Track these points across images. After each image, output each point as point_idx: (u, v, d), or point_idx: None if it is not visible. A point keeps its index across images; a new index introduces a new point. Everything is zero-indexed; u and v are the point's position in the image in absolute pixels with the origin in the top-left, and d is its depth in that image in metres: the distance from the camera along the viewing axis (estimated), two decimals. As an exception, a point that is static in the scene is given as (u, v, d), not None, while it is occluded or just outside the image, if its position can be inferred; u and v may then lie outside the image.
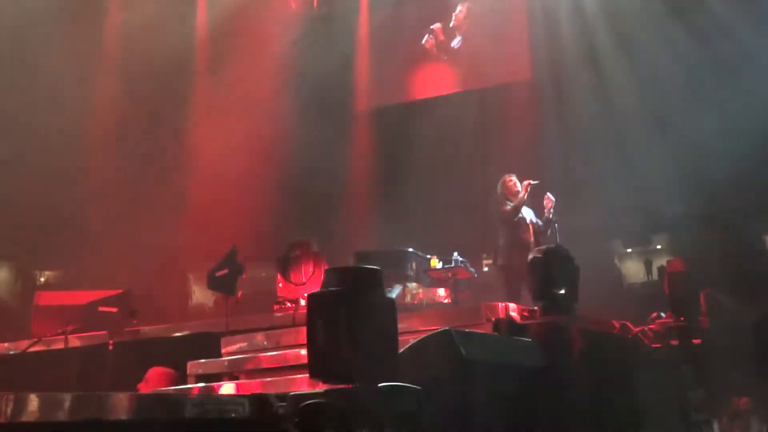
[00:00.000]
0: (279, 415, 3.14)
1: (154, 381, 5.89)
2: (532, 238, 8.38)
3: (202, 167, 20.80)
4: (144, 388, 5.88)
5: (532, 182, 8.46)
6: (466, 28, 19.42)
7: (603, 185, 17.91)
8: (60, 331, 7.04)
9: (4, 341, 7.46)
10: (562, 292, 4.91)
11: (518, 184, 8.59)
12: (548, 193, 8.52)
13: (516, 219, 8.40)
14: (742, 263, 16.01)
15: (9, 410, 2.92)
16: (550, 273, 4.90)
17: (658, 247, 22.43)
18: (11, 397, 2.97)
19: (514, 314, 5.07)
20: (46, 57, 16.24)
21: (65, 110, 19.35)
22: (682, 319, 5.33)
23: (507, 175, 8.84)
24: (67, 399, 3.17)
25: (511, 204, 8.44)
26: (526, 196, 8.39)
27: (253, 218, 19.68)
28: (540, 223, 8.47)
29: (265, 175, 20.39)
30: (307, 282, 7.66)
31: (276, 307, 7.74)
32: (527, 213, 8.53)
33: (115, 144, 19.93)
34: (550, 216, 8.43)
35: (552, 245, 5.14)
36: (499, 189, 8.69)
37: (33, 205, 19.74)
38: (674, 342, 5.26)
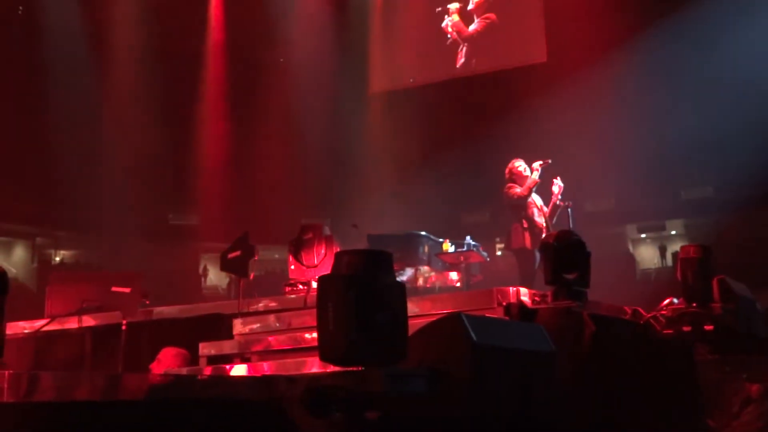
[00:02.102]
0: (288, 396, 3.16)
1: (167, 361, 5.94)
2: (543, 222, 8.35)
3: (215, 149, 20.91)
4: (156, 368, 5.93)
5: (543, 162, 8.38)
6: (483, 11, 19.33)
7: (617, 169, 17.88)
8: (74, 310, 7.10)
9: (19, 320, 7.52)
10: (574, 277, 4.90)
11: (526, 168, 8.51)
12: (557, 179, 8.41)
13: (527, 202, 8.33)
14: (755, 249, 15.96)
15: (24, 389, 2.95)
16: (561, 258, 4.88)
17: (673, 232, 22.35)
18: (26, 375, 3.00)
19: (525, 299, 5.06)
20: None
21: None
22: (694, 305, 5.30)
23: (514, 159, 8.72)
24: (80, 378, 3.20)
25: (521, 188, 8.39)
26: (538, 177, 8.33)
27: (265, 201, 19.79)
28: (545, 209, 8.44)
29: (278, 158, 20.47)
30: (318, 264, 7.68)
31: (288, 289, 7.76)
32: (537, 196, 8.48)
33: (135, 128, 20.06)
34: (558, 201, 8.36)
35: (564, 230, 5.12)
36: (507, 173, 8.63)
37: (54, 184, 19.93)
38: (686, 328, 5.24)
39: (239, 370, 5.43)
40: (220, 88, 21.25)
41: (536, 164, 8.42)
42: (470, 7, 19.47)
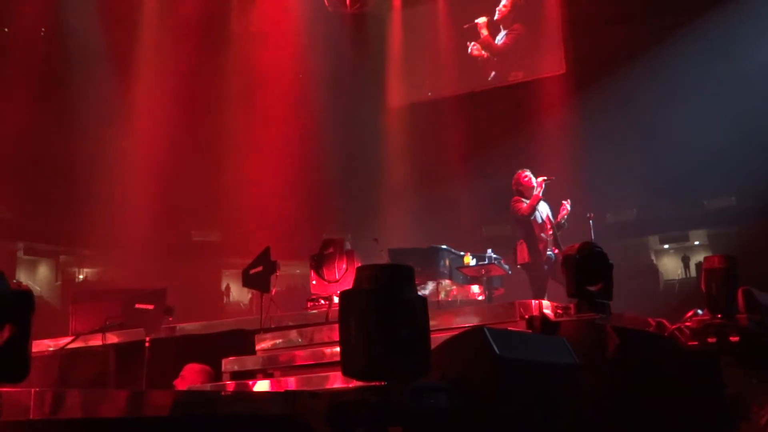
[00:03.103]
0: (312, 411, 3.16)
1: (190, 377, 5.96)
2: (550, 235, 8.28)
3: (237, 166, 21.03)
4: (180, 385, 5.95)
5: (546, 178, 8.32)
6: (511, 22, 19.31)
7: (639, 180, 17.79)
8: (98, 328, 7.15)
9: (44, 338, 7.59)
10: (597, 289, 4.87)
11: (533, 179, 8.46)
12: (566, 201, 8.34)
13: (532, 216, 8.29)
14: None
15: (50, 406, 2.97)
16: (583, 270, 4.86)
17: (696, 243, 22.17)
18: (52, 393, 3.02)
19: (547, 312, 5.04)
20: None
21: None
22: (719, 316, 5.25)
23: (521, 170, 8.66)
24: (105, 395, 3.22)
25: (527, 202, 8.31)
26: (541, 193, 8.26)
27: (287, 217, 19.85)
28: (553, 220, 8.38)
29: (299, 174, 20.54)
30: (340, 279, 7.69)
31: (310, 304, 7.79)
32: (544, 208, 8.41)
33: (158, 147, 20.24)
34: (563, 222, 8.33)
35: (586, 241, 5.09)
36: (513, 185, 8.56)
37: (76, 203, 20.12)
38: (711, 340, 5.19)
39: (262, 385, 5.44)
40: (236, 105, 21.38)
41: (539, 180, 8.36)
42: (496, 16, 19.44)
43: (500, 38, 19.49)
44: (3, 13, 20.51)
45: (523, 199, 8.40)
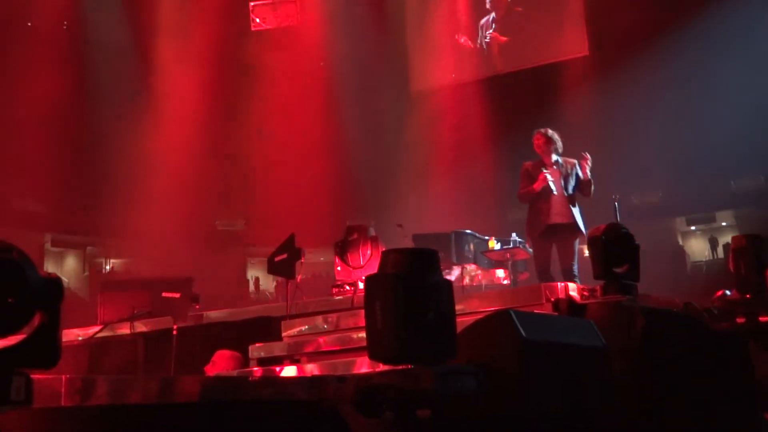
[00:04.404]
0: (339, 396, 3.17)
1: (221, 363, 6.02)
2: (556, 202, 7.84)
3: (260, 155, 21.10)
4: (211, 371, 6.01)
5: (548, 174, 7.83)
6: (525, 5, 19.18)
7: (665, 161, 17.63)
8: (126, 317, 7.23)
9: (73, 327, 7.68)
10: (623, 271, 4.84)
11: (550, 140, 8.04)
12: (585, 153, 7.93)
13: (539, 195, 7.88)
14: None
15: (80, 393, 3.00)
16: (610, 252, 4.82)
17: (723, 224, 21.96)
18: (82, 380, 3.05)
19: (574, 294, 5.02)
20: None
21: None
22: (748, 296, 5.20)
23: (536, 131, 8.24)
24: (134, 381, 3.25)
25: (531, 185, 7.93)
26: (540, 189, 7.81)
27: (311, 204, 19.90)
28: (571, 187, 7.88)
29: (322, 161, 20.59)
30: (364, 265, 7.72)
31: (335, 290, 7.82)
32: (554, 184, 7.88)
33: (182, 136, 20.35)
34: (589, 176, 7.82)
35: (612, 223, 5.05)
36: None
37: (102, 195, 20.31)
38: (740, 320, 5.14)
39: (289, 371, 5.47)
40: (259, 93, 21.43)
41: (540, 175, 7.87)
42: None
43: (522, 20, 19.37)
44: (26, 8, 20.67)
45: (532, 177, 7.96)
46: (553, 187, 7.80)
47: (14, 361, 2.41)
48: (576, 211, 7.83)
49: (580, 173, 7.87)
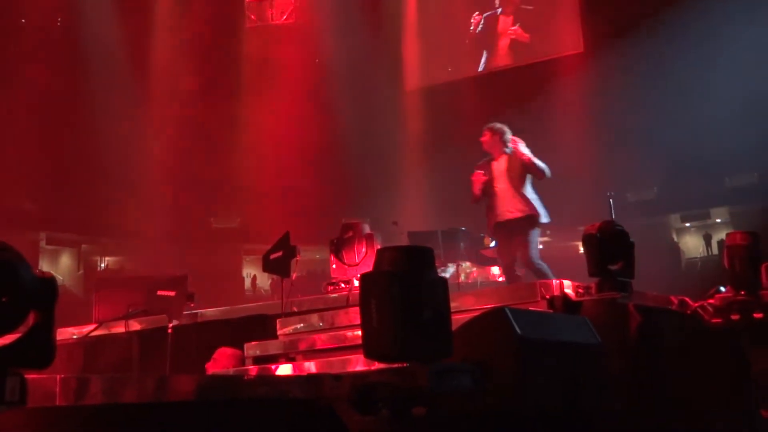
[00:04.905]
0: (335, 394, 3.17)
1: (222, 361, 6.02)
2: (502, 213, 7.75)
3: (255, 153, 21.07)
4: (212, 368, 6.00)
5: (482, 176, 7.77)
6: (519, 3, 19.19)
7: (659, 158, 17.65)
8: (120, 315, 7.21)
9: (68, 326, 7.66)
10: (618, 268, 4.84)
11: (496, 134, 7.97)
12: (513, 137, 7.88)
13: (489, 193, 7.83)
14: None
15: (75, 392, 3.00)
16: (604, 249, 4.83)
17: (718, 220, 21.99)
18: (76, 379, 3.05)
19: (569, 291, 5.02)
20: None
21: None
22: (742, 293, 5.21)
23: (485, 127, 8.19)
24: (129, 380, 3.25)
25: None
26: (479, 191, 7.77)
27: (306, 201, 19.89)
28: (521, 177, 7.73)
29: (317, 159, 20.58)
30: (360, 263, 7.71)
31: (330, 288, 7.81)
32: (501, 181, 7.79)
33: (176, 134, 20.33)
34: (529, 156, 7.70)
35: (606, 220, 5.06)
36: None
37: (96, 193, 20.28)
38: (735, 317, 5.15)
39: (285, 369, 5.47)
40: (254, 91, 21.41)
41: (474, 176, 7.83)
42: None
43: (516, 18, 19.37)
44: (19, 4, 20.60)
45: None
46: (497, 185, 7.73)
47: (8, 361, 2.40)
48: (530, 202, 7.68)
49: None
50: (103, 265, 25.65)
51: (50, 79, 20.03)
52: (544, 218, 7.69)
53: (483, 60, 19.78)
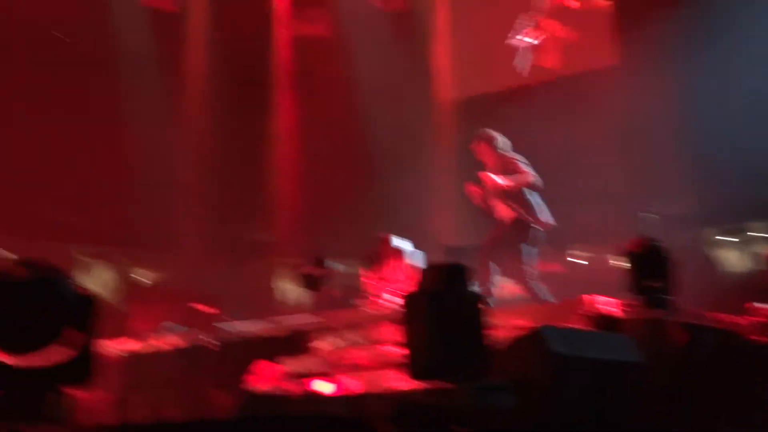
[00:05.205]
0: (378, 414, 3.17)
1: (263, 376, 6.03)
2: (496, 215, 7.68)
3: (289, 165, 21.19)
4: (253, 383, 6.01)
5: (475, 188, 7.71)
6: (555, 13, 19.10)
7: (695, 170, 17.41)
8: (159, 330, 7.27)
9: (107, 339, 7.72)
10: (658, 285, 4.80)
11: (487, 141, 7.98)
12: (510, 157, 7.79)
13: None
14: None
15: (116, 410, 3.03)
16: (644, 266, 4.79)
17: (755, 234, 21.64)
18: (117, 397, 3.08)
19: (607, 309, 4.98)
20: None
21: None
22: (784, 309, 5.13)
23: (476, 135, 8.28)
24: (169, 397, 3.28)
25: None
26: (480, 202, 7.74)
27: (339, 214, 19.93)
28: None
29: (349, 173, 20.62)
30: (393, 277, 7.70)
31: (364, 303, 7.81)
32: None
33: (209, 148, 20.52)
34: (501, 183, 7.55)
35: (645, 236, 5.01)
36: None
37: (131, 206, 20.52)
38: (777, 334, 5.07)
39: (322, 385, 5.47)
40: (288, 106, 21.53)
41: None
42: (546, 6, 19.25)
43: (551, 29, 19.31)
44: (56, 21, 20.92)
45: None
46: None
47: (50, 379, 2.44)
48: (525, 206, 7.51)
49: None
50: (138, 277, 25.91)
51: (88, 93, 20.32)
52: (543, 221, 7.45)
53: (519, 70, 19.71)
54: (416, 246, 8.41)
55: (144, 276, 25.54)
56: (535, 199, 7.60)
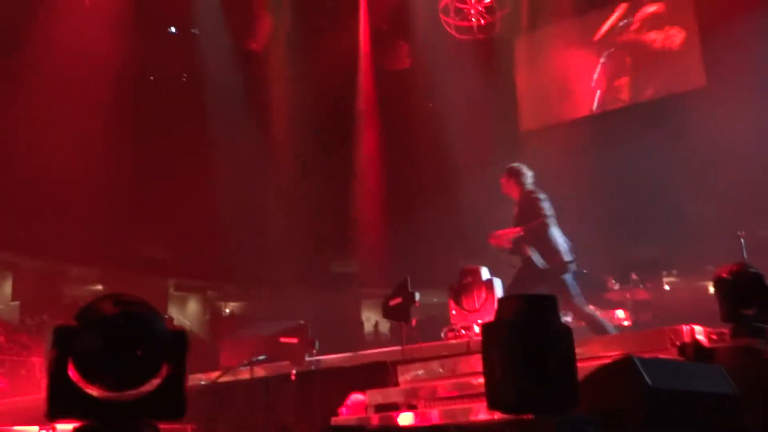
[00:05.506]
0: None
1: (353, 407, 6.06)
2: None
3: (372, 196, 21.36)
4: (344, 414, 6.05)
5: (497, 239, 7.71)
6: (641, 36, 18.80)
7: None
8: (245, 362, 7.38)
9: (195, 372, 7.90)
10: (753, 312, 4.60)
11: (511, 177, 8.17)
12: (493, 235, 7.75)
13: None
14: None
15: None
16: (737, 293, 4.61)
17: None
18: (205, 428, 3.13)
19: (701, 338, 4.81)
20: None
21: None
22: None
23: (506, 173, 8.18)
24: (258, 428, 3.31)
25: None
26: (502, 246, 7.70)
27: (425, 245, 19.93)
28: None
29: (435, 203, 20.64)
30: (479, 309, 7.63)
31: (450, 334, 7.76)
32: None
33: (295, 181, 20.89)
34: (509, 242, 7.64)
35: (739, 262, 4.83)
36: None
37: (221, 241, 21.01)
38: None
39: (406, 418, 5.44)
40: (374, 138, 21.77)
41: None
42: (629, 27, 18.97)
43: (633, 54, 18.99)
44: (146, 63, 21.74)
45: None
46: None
47: (143, 413, 2.49)
48: (538, 247, 7.54)
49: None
50: (227, 310, 26.44)
51: (182, 133, 21.00)
52: (557, 260, 7.49)
53: (596, 98, 19.44)
54: (501, 275, 8.33)
55: (233, 309, 26.06)
56: (553, 236, 7.58)
